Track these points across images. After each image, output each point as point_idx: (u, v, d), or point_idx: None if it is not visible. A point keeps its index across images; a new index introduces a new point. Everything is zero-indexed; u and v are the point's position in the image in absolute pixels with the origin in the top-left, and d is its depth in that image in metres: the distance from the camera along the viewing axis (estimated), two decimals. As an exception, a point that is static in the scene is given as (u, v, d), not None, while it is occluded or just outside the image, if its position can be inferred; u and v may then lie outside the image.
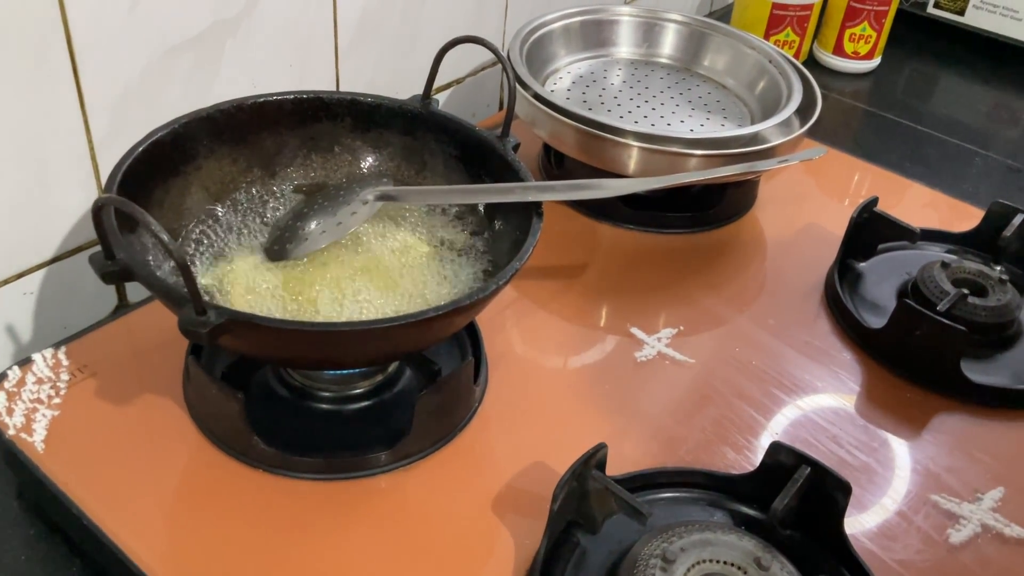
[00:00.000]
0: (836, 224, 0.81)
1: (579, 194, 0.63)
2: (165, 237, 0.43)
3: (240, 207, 0.64)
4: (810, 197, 0.88)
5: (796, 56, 1.15)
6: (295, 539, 0.52)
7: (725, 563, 0.49)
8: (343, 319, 0.56)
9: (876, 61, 1.19)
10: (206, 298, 0.45)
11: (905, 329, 0.66)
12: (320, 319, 0.56)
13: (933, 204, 0.89)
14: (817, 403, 0.65)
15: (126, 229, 0.52)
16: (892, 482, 0.60)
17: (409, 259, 0.62)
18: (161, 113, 0.67)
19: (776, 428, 0.63)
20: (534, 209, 0.57)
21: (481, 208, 0.64)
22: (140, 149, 0.56)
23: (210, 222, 0.62)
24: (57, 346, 0.62)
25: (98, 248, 0.49)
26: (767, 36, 1.11)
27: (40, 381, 0.59)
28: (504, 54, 0.63)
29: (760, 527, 0.53)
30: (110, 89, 0.64)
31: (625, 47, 0.91)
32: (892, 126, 1.09)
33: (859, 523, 0.57)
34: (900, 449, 0.62)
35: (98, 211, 0.45)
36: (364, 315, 0.57)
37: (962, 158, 1.04)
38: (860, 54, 1.17)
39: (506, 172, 0.61)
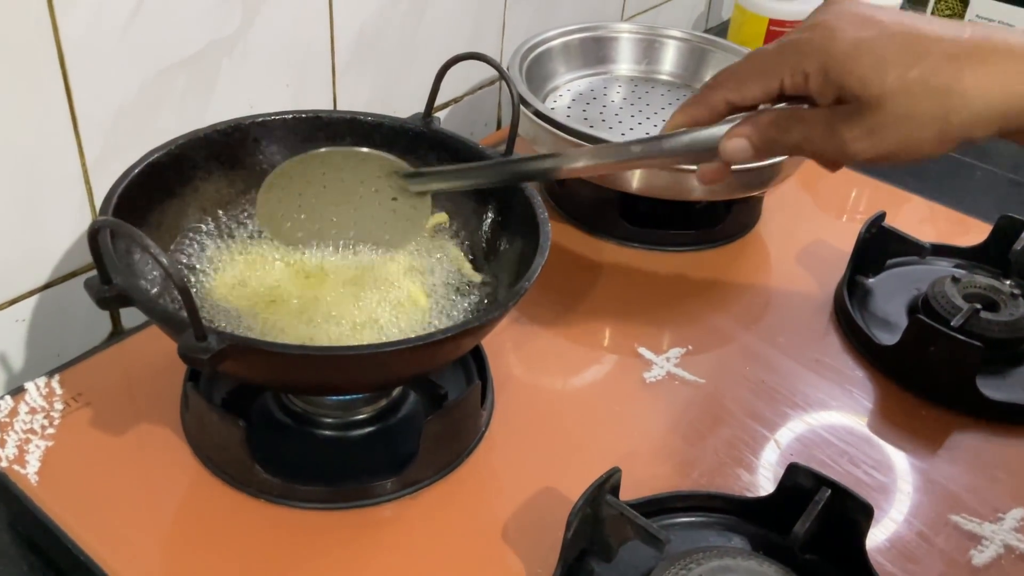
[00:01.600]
0: (841, 240, 0.80)
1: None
2: (165, 260, 0.41)
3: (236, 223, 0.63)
4: (814, 213, 0.87)
5: (793, 72, 1.14)
6: (299, 571, 0.51)
7: (746, 590, 0.48)
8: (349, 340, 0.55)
9: (873, 76, 1.18)
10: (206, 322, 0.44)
11: (919, 346, 0.64)
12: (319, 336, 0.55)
13: (937, 218, 0.88)
14: (831, 422, 0.64)
15: (122, 253, 0.51)
16: (911, 503, 0.59)
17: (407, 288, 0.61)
18: (156, 134, 0.65)
19: (790, 449, 0.61)
20: (541, 228, 0.55)
21: (486, 228, 0.63)
22: (136, 171, 0.55)
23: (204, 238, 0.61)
24: (51, 374, 0.60)
25: (94, 273, 0.47)
26: (764, 52, 1.10)
27: (33, 411, 0.58)
28: (505, 71, 0.62)
29: (780, 551, 0.52)
30: (104, 110, 0.63)
31: (625, 64, 0.91)
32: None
33: (879, 545, 0.56)
34: (917, 468, 0.61)
35: (94, 234, 0.44)
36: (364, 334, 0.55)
37: (963, 172, 1.03)
38: (857, 69, 1.16)
39: (510, 188, 0.60)
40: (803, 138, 0.46)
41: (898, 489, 0.59)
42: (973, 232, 0.83)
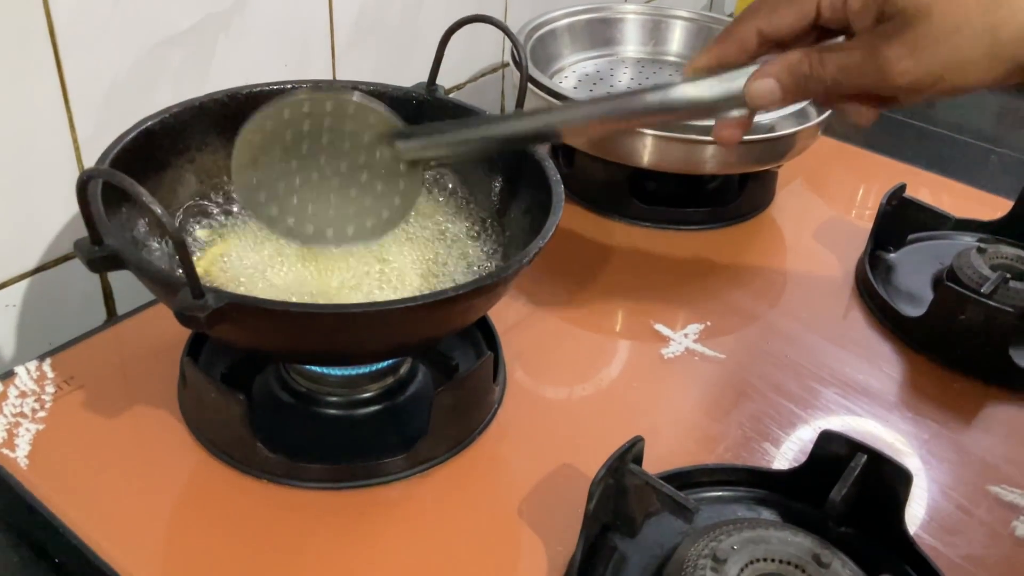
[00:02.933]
0: (858, 217, 0.78)
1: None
2: (159, 210, 0.39)
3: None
4: (828, 194, 0.85)
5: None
6: (304, 553, 0.48)
7: (781, 562, 0.45)
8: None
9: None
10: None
11: (948, 315, 0.62)
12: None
13: (955, 195, 0.86)
14: (859, 396, 0.61)
15: (115, 221, 0.48)
16: (947, 475, 0.56)
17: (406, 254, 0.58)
18: (150, 111, 0.63)
19: (818, 423, 0.58)
20: (553, 188, 0.53)
21: (496, 196, 0.60)
22: (129, 137, 0.53)
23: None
24: (42, 358, 0.57)
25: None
26: (770, 40, 1.08)
27: (23, 394, 0.55)
28: (511, 63, 0.60)
29: (812, 524, 0.49)
30: (96, 86, 0.61)
31: (632, 46, 0.89)
32: (902, 126, 1.06)
33: (917, 518, 0.53)
34: (951, 440, 0.58)
35: (83, 188, 0.41)
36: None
37: (977, 155, 1.01)
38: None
39: (522, 157, 0.57)
40: (839, 68, 0.42)
41: (933, 461, 0.57)
42: (994, 207, 0.80)
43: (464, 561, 0.48)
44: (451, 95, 0.90)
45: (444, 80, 0.64)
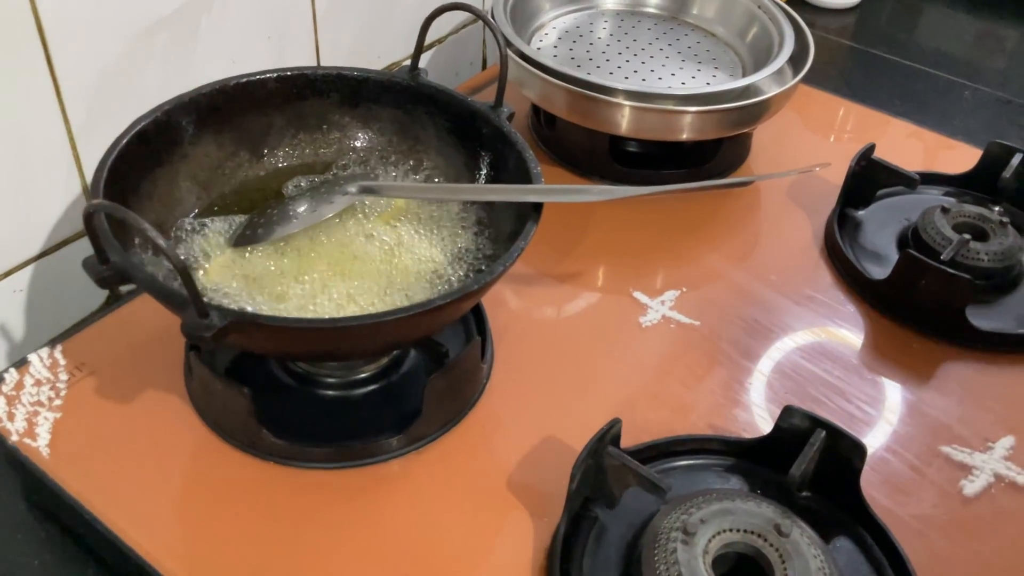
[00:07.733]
0: (831, 172, 0.80)
1: (567, 197, 0.63)
2: (162, 243, 0.41)
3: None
4: (803, 145, 0.87)
5: (780, -6, 1.13)
6: (310, 529, 0.52)
7: (745, 531, 0.49)
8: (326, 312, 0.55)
9: (860, -5, 1.17)
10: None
11: (909, 280, 0.65)
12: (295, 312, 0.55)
13: (926, 144, 0.88)
14: (824, 359, 0.65)
15: (116, 228, 0.50)
16: (902, 436, 0.60)
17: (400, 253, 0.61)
18: (140, 96, 0.65)
19: (785, 387, 0.62)
20: (535, 182, 0.55)
21: (481, 184, 0.63)
22: (123, 142, 0.54)
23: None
24: (53, 345, 0.60)
25: (91, 252, 0.47)
26: (750, -25, 1.08)
27: (39, 383, 0.58)
28: (489, 16, 0.61)
29: (777, 490, 0.53)
30: (86, 75, 0.62)
31: (610, -2, 0.89)
32: (879, 62, 1.07)
33: (872, 479, 0.57)
34: (908, 401, 0.62)
35: (89, 219, 0.44)
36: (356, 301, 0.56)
37: (952, 92, 1.03)
38: (844, -11, 1.15)
39: (501, 143, 0.60)
40: None
41: (890, 423, 0.61)
42: (963, 156, 0.83)
43: (458, 532, 0.53)
44: (433, 49, 0.91)
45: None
